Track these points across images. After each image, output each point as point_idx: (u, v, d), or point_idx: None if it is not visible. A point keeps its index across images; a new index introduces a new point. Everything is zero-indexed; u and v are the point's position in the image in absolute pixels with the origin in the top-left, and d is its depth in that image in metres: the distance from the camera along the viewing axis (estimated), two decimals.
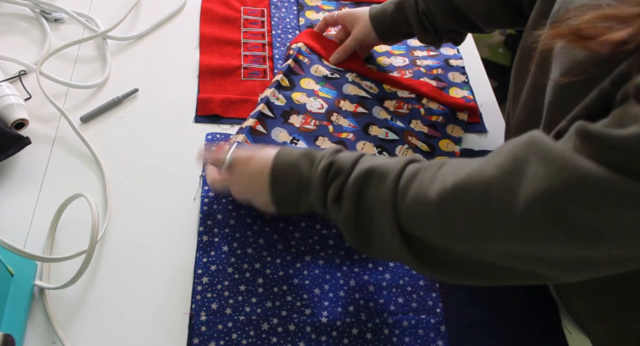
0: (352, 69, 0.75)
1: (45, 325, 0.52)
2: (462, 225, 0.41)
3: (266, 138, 0.62)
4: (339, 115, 0.68)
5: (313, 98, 0.67)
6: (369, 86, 0.73)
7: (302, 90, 0.68)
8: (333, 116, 0.68)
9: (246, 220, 0.62)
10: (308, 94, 0.67)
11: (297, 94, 0.67)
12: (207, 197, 0.63)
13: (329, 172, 0.50)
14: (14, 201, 0.60)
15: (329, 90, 0.70)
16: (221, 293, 0.56)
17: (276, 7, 0.87)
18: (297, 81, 0.69)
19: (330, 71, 0.72)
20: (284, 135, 0.63)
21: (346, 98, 0.70)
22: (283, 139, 0.63)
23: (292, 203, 0.54)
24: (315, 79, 0.70)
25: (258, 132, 0.62)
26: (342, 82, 0.72)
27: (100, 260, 0.57)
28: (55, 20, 0.78)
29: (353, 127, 0.69)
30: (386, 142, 0.69)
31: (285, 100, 0.66)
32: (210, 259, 0.58)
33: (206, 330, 0.53)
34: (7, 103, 0.63)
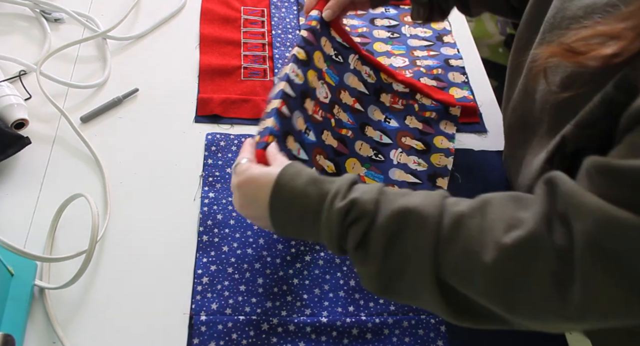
0: (354, 48, 0.72)
1: (45, 325, 0.52)
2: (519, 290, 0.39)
3: (289, 123, 0.58)
4: (340, 109, 0.68)
5: (321, 82, 0.66)
6: (368, 74, 0.73)
7: (314, 67, 0.65)
8: (335, 108, 0.68)
9: (246, 220, 0.62)
10: (318, 75, 0.66)
11: (312, 73, 0.64)
12: (207, 198, 0.63)
13: (348, 214, 0.44)
14: (14, 201, 0.60)
15: (332, 75, 0.69)
16: (221, 293, 0.56)
17: (276, 7, 0.87)
18: (311, 53, 0.65)
19: (335, 50, 0.70)
20: (301, 121, 0.61)
21: (346, 89, 0.70)
22: (300, 127, 0.60)
23: (295, 231, 0.49)
24: (324, 55, 0.68)
25: (283, 114, 0.58)
26: (345, 68, 0.71)
27: (100, 260, 0.57)
28: (55, 20, 0.78)
29: (351, 123, 0.69)
30: (381, 145, 0.69)
31: (303, 78, 0.63)
32: (210, 259, 0.58)
33: (206, 330, 0.53)
34: (7, 103, 0.63)
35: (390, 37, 0.86)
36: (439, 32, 0.88)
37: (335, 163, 0.64)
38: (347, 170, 0.66)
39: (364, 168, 0.67)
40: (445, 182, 0.68)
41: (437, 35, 0.88)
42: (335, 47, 0.70)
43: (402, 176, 0.67)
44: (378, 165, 0.68)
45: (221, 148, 0.68)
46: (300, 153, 0.59)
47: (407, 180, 0.67)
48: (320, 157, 0.62)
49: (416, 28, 0.88)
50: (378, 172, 0.67)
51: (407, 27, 0.88)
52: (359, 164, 0.67)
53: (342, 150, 0.66)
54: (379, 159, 0.68)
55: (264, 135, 0.55)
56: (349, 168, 0.66)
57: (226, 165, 0.66)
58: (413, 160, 0.69)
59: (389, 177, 0.67)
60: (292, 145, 0.58)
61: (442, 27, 0.89)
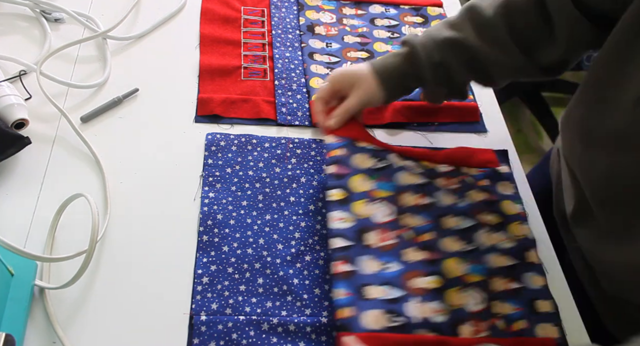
0: (388, 147, 0.67)
1: (45, 325, 0.52)
2: None
3: (359, 278, 0.55)
4: (410, 215, 0.62)
5: (375, 205, 0.60)
6: (413, 166, 0.67)
7: (359, 196, 0.60)
8: (404, 219, 0.61)
9: (246, 220, 0.62)
10: (368, 200, 0.60)
11: (359, 205, 0.60)
12: (207, 198, 0.63)
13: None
14: (14, 201, 0.60)
15: (384, 185, 0.63)
16: (221, 293, 0.56)
17: (276, 7, 0.87)
18: (347, 185, 0.61)
19: (373, 157, 0.64)
20: (373, 263, 0.56)
21: (406, 191, 0.63)
22: (374, 269, 0.56)
23: None
24: (365, 172, 0.63)
25: (345, 273, 0.55)
26: (393, 170, 0.65)
27: (100, 260, 0.57)
28: (55, 20, 0.78)
29: (429, 222, 0.62)
30: (464, 231, 0.62)
31: (352, 217, 0.59)
32: (211, 259, 0.58)
33: (206, 330, 0.53)
34: (7, 103, 0.63)
35: (390, 37, 0.86)
36: None
37: (434, 273, 0.58)
38: (450, 275, 0.58)
39: (466, 265, 0.59)
40: (535, 254, 0.62)
41: None
42: (373, 155, 0.64)
43: (497, 261, 0.61)
44: (472, 256, 0.60)
45: (221, 148, 0.67)
46: (390, 294, 0.55)
47: (503, 264, 0.61)
48: (415, 280, 0.57)
49: (416, 28, 0.88)
50: (476, 262, 0.60)
51: (407, 27, 0.88)
52: (459, 262, 0.59)
53: (434, 257, 0.59)
54: (471, 248, 0.61)
55: (336, 311, 0.53)
56: (451, 271, 0.59)
57: (226, 165, 0.66)
58: (500, 238, 0.63)
59: (485, 266, 0.60)
60: (377, 293, 0.54)
61: None
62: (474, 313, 0.56)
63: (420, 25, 0.89)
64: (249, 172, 0.66)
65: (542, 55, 0.61)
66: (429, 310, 0.55)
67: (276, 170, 0.67)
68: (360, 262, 0.56)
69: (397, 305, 0.55)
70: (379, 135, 0.73)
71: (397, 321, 0.53)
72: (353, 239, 0.58)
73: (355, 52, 0.83)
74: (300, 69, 0.79)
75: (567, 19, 0.57)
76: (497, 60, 0.62)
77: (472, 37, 0.62)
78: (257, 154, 0.68)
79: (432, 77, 0.64)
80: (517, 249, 0.62)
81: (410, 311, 0.54)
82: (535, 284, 0.60)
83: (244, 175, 0.66)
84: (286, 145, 0.69)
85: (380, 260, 0.57)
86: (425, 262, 0.59)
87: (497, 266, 0.60)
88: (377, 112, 0.74)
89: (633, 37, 0.48)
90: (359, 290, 0.54)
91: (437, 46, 0.63)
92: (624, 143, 0.49)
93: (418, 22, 0.89)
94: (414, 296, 0.56)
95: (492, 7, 0.61)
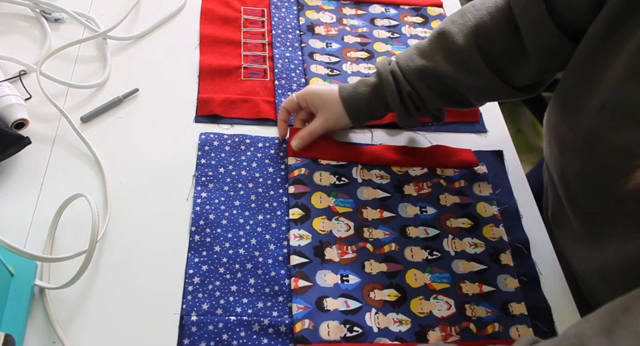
0: (353, 160, 0.68)
1: (45, 325, 0.52)
2: None
3: (315, 290, 0.56)
4: (370, 228, 0.63)
5: (335, 219, 0.62)
6: (380, 176, 0.67)
7: (319, 212, 0.62)
8: (365, 233, 0.62)
9: (238, 220, 0.62)
10: (328, 216, 0.62)
11: (318, 221, 0.61)
12: (200, 198, 0.63)
13: None
14: (14, 201, 0.60)
15: (344, 201, 0.64)
16: (212, 293, 0.56)
17: (276, 7, 0.87)
18: (308, 203, 0.62)
19: (335, 174, 0.66)
20: (331, 276, 0.58)
21: (367, 206, 0.64)
22: (333, 281, 0.57)
23: None
24: (325, 190, 0.64)
25: (302, 289, 0.56)
26: (354, 186, 0.66)
27: (100, 260, 0.57)
28: (55, 20, 0.78)
29: (390, 235, 0.63)
30: (430, 240, 0.63)
31: (310, 235, 0.60)
32: (202, 259, 0.58)
33: (197, 330, 0.53)
34: (7, 103, 0.63)
35: (390, 37, 0.86)
36: None
37: (396, 286, 0.59)
38: (412, 286, 0.59)
39: (428, 274, 0.60)
40: (509, 257, 0.62)
41: None
42: (333, 172, 0.66)
43: (466, 267, 0.61)
44: (438, 263, 0.61)
45: (214, 148, 0.67)
46: (349, 305, 0.56)
47: (473, 269, 0.61)
48: (374, 292, 0.58)
49: (416, 28, 0.88)
50: (442, 271, 0.60)
51: (407, 27, 0.88)
52: (420, 273, 0.60)
53: (395, 269, 0.60)
54: (436, 256, 0.62)
55: (294, 325, 0.54)
56: (411, 283, 0.59)
57: (219, 165, 0.66)
58: (469, 243, 0.63)
59: (455, 272, 0.60)
60: (335, 305, 0.55)
61: None
62: (443, 318, 0.57)
63: (420, 25, 0.89)
64: (242, 171, 0.66)
65: (517, 77, 0.60)
66: (389, 320, 0.56)
67: (269, 170, 0.67)
68: (318, 277, 0.57)
69: (356, 316, 0.55)
70: (378, 135, 0.73)
71: (356, 331, 0.54)
72: (311, 255, 0.59)
73: (355, 52, 0.83)
74: (300, 69, 0.79)
75: (545, 37, 0.55)
76: (471, 84, 0.61)
77: (443, 65, 0.61)
78: (251, 154, 0.68)
79: (400, 108, 0.64)
80: (489, 252, 0.63)
81: (370, 321, 0.55)
82: (509, 286, 0.60)
83: (237, 175, 0.66)
84: (280, 145, 0.69)
85: (339, 274, 0.58)
86: (386, 274, 0.59)
87: (467, 271, 0.61)
88: None
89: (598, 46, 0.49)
90: (318, 303, 0.55)
91: (408, 76, 0.62)
92: (591, 149, 0.49)
93: (418, 22, 0.89)
94: (373, 307, 0.57)
95: (462, 33, 0.60)
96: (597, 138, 0.48)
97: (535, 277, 0.62)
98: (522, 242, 0.65)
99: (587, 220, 0.54)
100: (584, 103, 0.50)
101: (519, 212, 0.67)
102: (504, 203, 0.68)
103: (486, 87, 0.62)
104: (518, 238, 0.65)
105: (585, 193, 0.53)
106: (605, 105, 0.47)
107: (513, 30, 0.58)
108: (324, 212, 0.63)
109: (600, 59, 0.48)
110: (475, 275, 0.61)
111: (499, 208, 0.67)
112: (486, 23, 0.59)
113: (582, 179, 0.52)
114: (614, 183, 0.46)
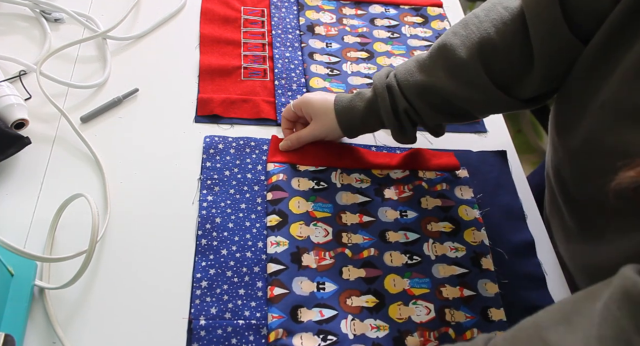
0: (332, 165, 0.67)
1: (45, 325, 0.52)
2: None
3: (290, 298, 0.56)
4: (349, 233, 0.62)
5: (313, 225, 0.61)
6: (359, 180, 0.67)
7: (297, 218, 0.61)
8: (343, 237, 0.61)
9: (245, 223, 0.62)
10: (306, 222, 0.61)
11: (295, 227, 0.61)
12: (206, 201, 0.63)
13: None
14: (14, 201, 0.60)
15: (323, 206, 0.63)
16: (220, 297, 0.56)
17: (276, 7, 0.87)
18: (285, 209, 0.62)
19: (313, 180, 0.65)
20: (307, 284, 0.57)
21: (346, 211, 0.64)
22: (308, 289, 0.57)
23: None
24: (303, 195, 0.63)
25: (278, 297, 0.55)
26: (333, 191, 0.65)
27: (100, 260, 0.57)
28: (55, 20, 0.78)
29: (369, 240, 0.62)
30: (410, 244, 0.62)
31: (287, 241, 0.60)
32: (209, 263, 0.58)
33: (205, 334, 0.53)
34: (7, 103, 0.63)
35: (390, 37, 0.86)
36: (439, 32, 0.88)
37: (374, 292, 0.58)
38: (390, 292, 0.58)
39: (407, 279, 0.59)
40: (490, 261, 0.62)
41: (437, 35, 0.88)
42: (312, 177, 0.66)
43: (447, 271, 0.60)
44: (418, 268, 0.60)
45: (219, 151, 0.67)
46: (323, 314, 0.55)
47: (454, 273, 0.60)
48: (351, 298, 0.57)
49: (416, 28, 0.88)
50: (422, 276, 0.60)
51: (407, 27, 0.88)
52: (399, 279, 0.59)
53: (374, 274, 0.59)
54: (416, 261, 0.61)
55: (268, 334, 0.53)
56: (390, 289, 0.58)
57: (224, 168, 0.66)
58: (449, 247, 0.62)
59: (435, 277, 0.60)
60: (309, 316, 0.55)
61: (442, 27, 0.89)
62: (422, 323, 0.57)
63: (420, 25, 0.89)
64: (247, 174, 0.66)
65: (522, 90, 0.58)
66: (365, 326, 0.56)
67: None
68: (294, 284, 0.57)
69: (331, 324, 0.55)
70: (378, 135, 0.73)
71: (330, 340, 0.54)
72: (287, 262, 0.58)
73: (355, 52, 0.83)
74: (300, 69, 0.79)
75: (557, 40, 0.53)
76: (474, 99, 0.59)
77: (444, 80, 0.58)
78: (256, 157, 0.68)
79: (394, 125, 0.63)
80: (470, 256, 0.62)
81: (345, 329, 0.55)
82: (489, 291, 0.60)
83: (243, 177, 0.65)
84: None
85: (315, 281, 0.58)
86: (364, 280, 0.59)
87: (448, 275, 0.60)
88: None
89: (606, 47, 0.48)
90: (292, 313, 0.55)
91: (405, 92, 0.61)
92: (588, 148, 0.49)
93: (418, 22, 0.89)
94: (349, 314, 0.56)
95: (465, 46, 0.57)
96: (595, 137, 0.48)
97: (541, 277, 0.62)
98: (527, 242, 0.64)
99: (580, 218, 0.54)
100: (586, 102, 0.49)
101: (523, 212, 0.67)
102: (500, 203, 0.68)
103: (490, 101, 0.59)
104: (524, 238, 0.65)
105: (579, 192, 0.52)
106: (605, 104, 0.47)
107: (520, 43, 0.55)
108: (302, 218, 0.62)
109: (606, 60, 0.48)
110: (456, 279, 0.60)
111: (481, 211, 0.66)
112: (491, 36, 0.56)
113: (575, 177, 0.52)
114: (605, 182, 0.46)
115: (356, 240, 0.62)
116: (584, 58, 0.51)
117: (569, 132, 0.52)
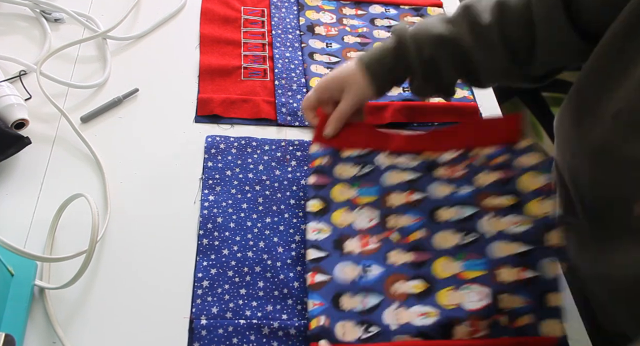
0: (379, 147, 0.64)
1: (45, 325, 0.52)
2: None
3: (332, 286, 0.54)
4: (396, 216, 0.58)
5: (357, 211, 0.58)
6: (408, 162, 0.62)
7: (339, 205, 0.59)
8: (390, 222, 0.58)
9: (246, 223, 0.62)
10: (350, 208, 0.58)
11: (337, 214, 0.58)
12: (207, 201, 0.63)
13: None
14: (14, 201, 0.60)
15: (367, 191, 0.60)
16: (222, 296, 0.56)
17: (276, 7, 0.87)
18: (328, 196, 0.60)
19: (356, 165, 0.62)
20: (350, 269, 0.55)
21: (392, 192, 0.60)
22: (352, 275, 0.54)
23: None
24: (347, 182, 0.61)
25: (319, 284, 0.54)
26: (378, 173, 0.61)
27: (100, 260, 0.57)
28: (55, 20, 0.78)
29: (419, 220, 0.58)
30: (463, 221, 0.57)
31: (329, 228, 0.57)
32: (211, 262, 0.58)
33: (206, 334, 0.53)
34: (7, 103, 0.63)
35: None
36: None
37: (423, 277, 0.55)
38: (440, 276, 0.55)
39: (460, 262, 0.55)
40: (557, 235, 0.55)
41: None
42: (356, 162, 0.63)
43: (506, 249, 0.54)
44: (473, 247, 0.56)
45: (221, 150, 0.67)
46: (366, 304, 0.54)
47: (514, 252, 0.54)
48: (399, 283, 0.55)
49: None
50: (478, 256, 0.55)
51: None
52: (450, 261, 0.55)
53: (422, 258, 0.56)
54: (472, 239, 0.56)
55: (309, 322, 0.53)
56: (440, 273, 0.55)
57: (226, 168, 0.66)
58: (512, 221, 0.56)
59: (491, 258, 0.55)
60: (351, 304, 0.53)
61: None
62: (473, 311, 0.52)
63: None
64: (249, 174, 0.66)
65: (525, 65, 0.60)
66: (411, 314, 0.53)
67: (276, 172, 0.67)
68: (336, 271, 0.55)
69: (373, 315, 0.54)
70: None
71: (371, 331, 0.53)
72: (329, 249, 0.57)
73: (355, 52, 0.82)
74: (300, 69, 0.79)
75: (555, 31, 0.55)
76: (486, 63, 0.61)
77: (467, 37, 0.61)
78: (257, 157, 0.68)
79: (420, 72, 0.63)
80: (534, 232, 0.55)
81: (388, 319, 0.53)
82: (550, 273, 0.54)
83: (244, 177, 0.66)
84: (286, 148, 0.69)
85: (360, 265, 0.56)
86: (411, 265, 0.57)
87: (505, 255, 0.55)
88: (377, 112, 0.74)
89: (616, 52, 0.48)
90: (334, 300, 0.54)
91: (428, 41, 0.62)
92: (603, 159, 0.48)
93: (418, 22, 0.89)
94: (394, 302, 0.54)
95: (487, 11, 0.60)
96: (610, 147, 0.47)
97: None
98: None
99: (598, 222, 0.53)
100: (597, 110, 0.49)
101: None
102: None
103: (499, 68, 0.61)
104: None
105: (596, 200, 0.52)
106: (619, 114, 0.46)
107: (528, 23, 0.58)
108: (345, 204, 0.60)
109: (618, 67, 0.47)
110: (517, 258, 0.54)
111: (550, 176, 0.58)
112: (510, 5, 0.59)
113: (593, 187, 0.51)
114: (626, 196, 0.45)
115: (403, 223, 0.58)
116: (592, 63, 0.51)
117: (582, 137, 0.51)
